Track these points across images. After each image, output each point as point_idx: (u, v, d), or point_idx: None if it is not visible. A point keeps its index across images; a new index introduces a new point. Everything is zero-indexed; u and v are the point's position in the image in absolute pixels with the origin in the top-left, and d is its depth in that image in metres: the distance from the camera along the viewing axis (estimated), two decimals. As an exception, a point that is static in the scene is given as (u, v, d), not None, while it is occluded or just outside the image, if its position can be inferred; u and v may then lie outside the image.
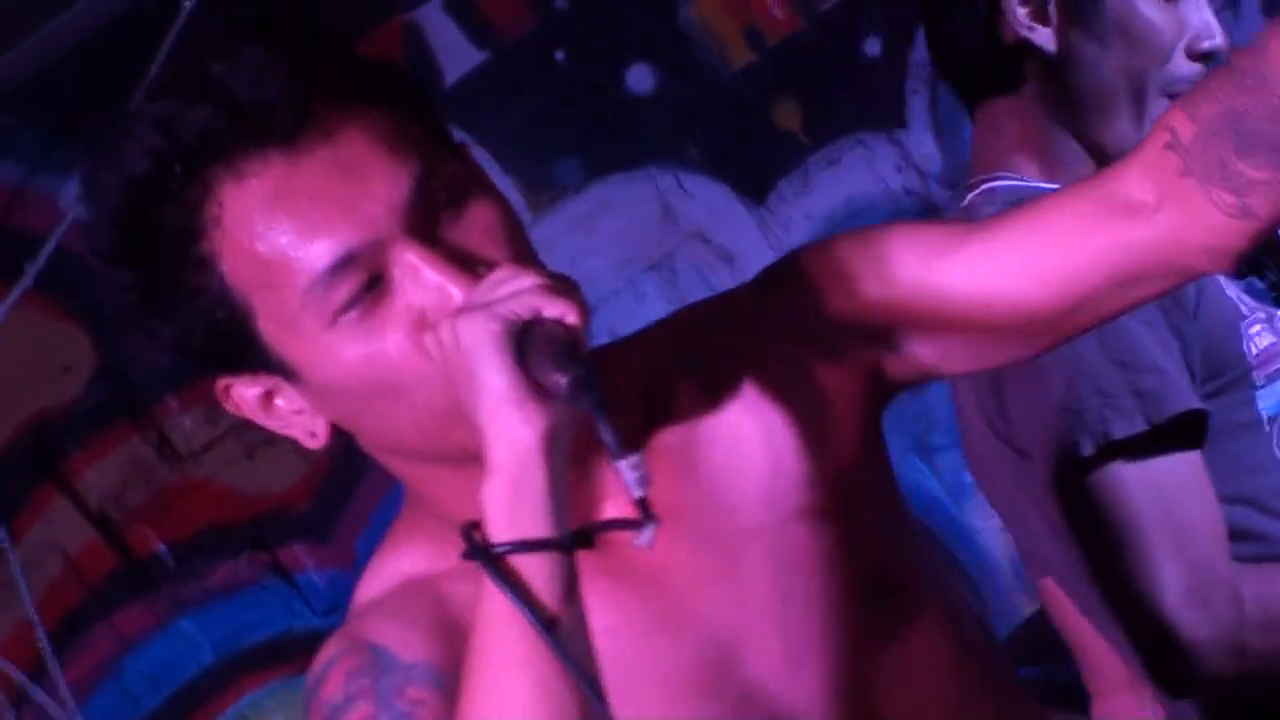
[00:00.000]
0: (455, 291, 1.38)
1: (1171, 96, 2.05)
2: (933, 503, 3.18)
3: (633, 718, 1.47)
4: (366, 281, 1.39)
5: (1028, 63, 2.09)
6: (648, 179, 3.33)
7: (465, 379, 1.37)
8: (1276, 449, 2.03)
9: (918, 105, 3.34)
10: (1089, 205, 1.47)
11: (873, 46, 3.31)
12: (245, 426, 3.01)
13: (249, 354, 1.44)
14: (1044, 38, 2.07)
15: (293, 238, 1.39)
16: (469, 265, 1.39)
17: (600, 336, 1.49)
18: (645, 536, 1.39)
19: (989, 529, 3.19)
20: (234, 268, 1.41)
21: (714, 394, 1.49)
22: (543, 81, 3.33)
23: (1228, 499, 1.97)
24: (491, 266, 1.39)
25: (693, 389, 1.49)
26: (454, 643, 1.46)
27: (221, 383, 1.47)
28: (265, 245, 1.40)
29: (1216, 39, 2.10)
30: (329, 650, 1.52)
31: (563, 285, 1.37)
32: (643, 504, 1.36)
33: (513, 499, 1.36)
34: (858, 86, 3.33)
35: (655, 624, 1.53)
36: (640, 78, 3.34)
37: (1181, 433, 1.92)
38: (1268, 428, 2.02)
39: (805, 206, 3.19)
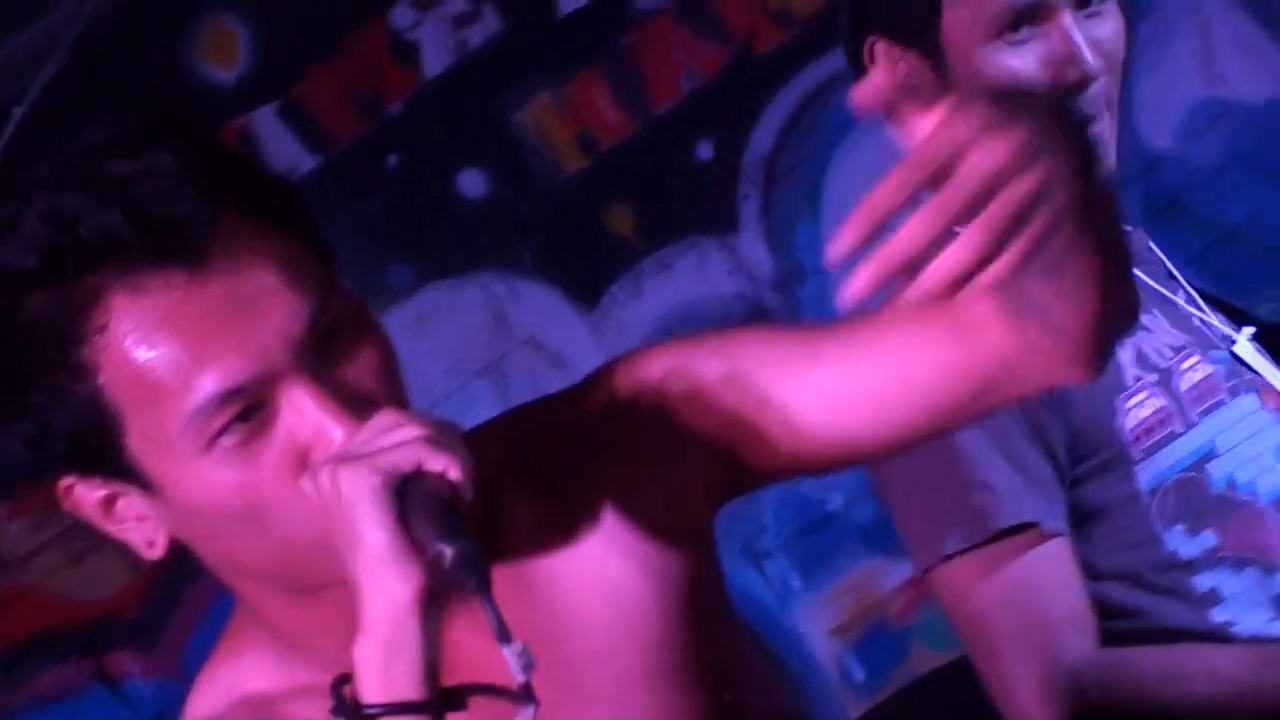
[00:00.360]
0: (339, 431, 1.35)
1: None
2: (761, 607, 3.17)
3: None
4: (248, 409, 1.35)
5: None
6: (480, 284, 3.31)
7: (342, 529, 1.34)
8: (1155, 523, 2.04)
9: (749, 209, 3.35)
10: (935, 326, 1.46)
11: (705, 150, 3.31)
12: (72, 533, 2.98)
13: (107, 462, 1.39)
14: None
15: (183, 362, 1.35)
16: (355, 405, 1.36)
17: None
18: (524, 716, 1.36)
19: (815, 634, 3.20)
20: (112, 379, 1.36)
21: (554, 509, 1.46)
22: (375, 186, 3.31)
23: (1107, 575, 1.98)
24: (376, 407, 1.36)
25: (530, 503, 1.47)
26: None
27: (64, 483, 1.41)
28: (152, 365, 1.36)
29: (1084, 65, 2.05)
30: None
31: (446, 436, 1.34)
32: (526, 689, 1.34)
33: (385, 659, 1.34)
34: (690, 191, 3.32)
35: None
36: (473, 183, 3.31)
37: (1023, 536, 1.93)
38: (1146, 500, 2.03)
39: (638, 311, 3.19)
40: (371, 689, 1.33)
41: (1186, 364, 2.07)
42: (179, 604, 3.17)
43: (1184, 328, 2.10)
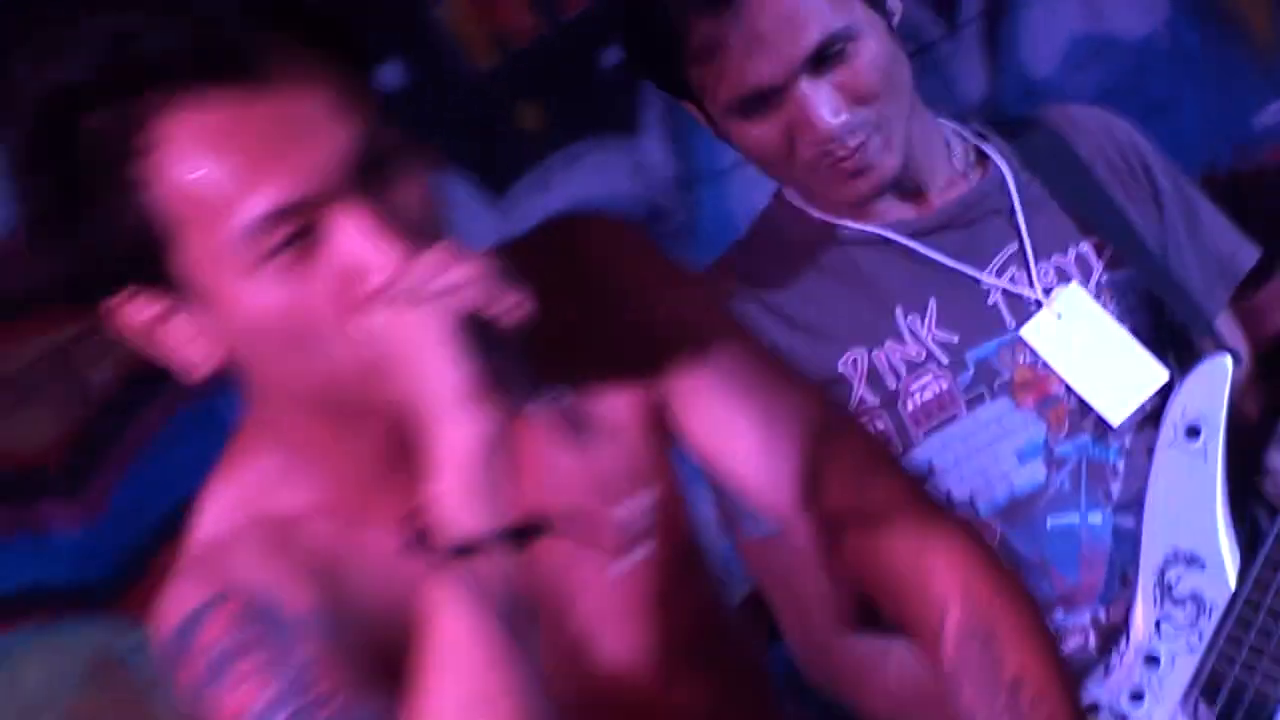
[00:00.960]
0: (390, 256, 1.32)
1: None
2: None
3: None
4: (299, 231, 1.33)
5: None
6: None
7: (410, 368, 1.32)
8: None
9: (651, 115, 3.34)
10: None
11: (612, 56, 3.29)
12: (4, 385, 2.96)
13: (159, 275, 1.36)
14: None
15: (236, 179, 1.32)
16: (405, 231, 1.33)
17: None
18: (637, 553, 1.45)
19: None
20: (165, 195, 1.33)
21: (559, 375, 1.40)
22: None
23: None
24: (424, 238, 1.34)
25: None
26: (326, 588, 1.43)
27: (114, 300, 1.39)
28: (207, 180, 1.32)
29: (823, 127, 2.00)
30: (187, 593, 1.44)
31: (504, 275, 1.33)
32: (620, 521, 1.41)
33: (469, 495, 1.32)
34: (595, 94, 3.31)
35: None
36: (393, 74, 3.21)
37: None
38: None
39: (545, 202, 3.20)
40: (456, 524, 1.31)
41: (917, 384, 2.08)
42: (104, 457, 3.08)
43: (959, 317, 2.08)
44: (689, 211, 3.38)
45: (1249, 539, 2.13)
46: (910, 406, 2.08)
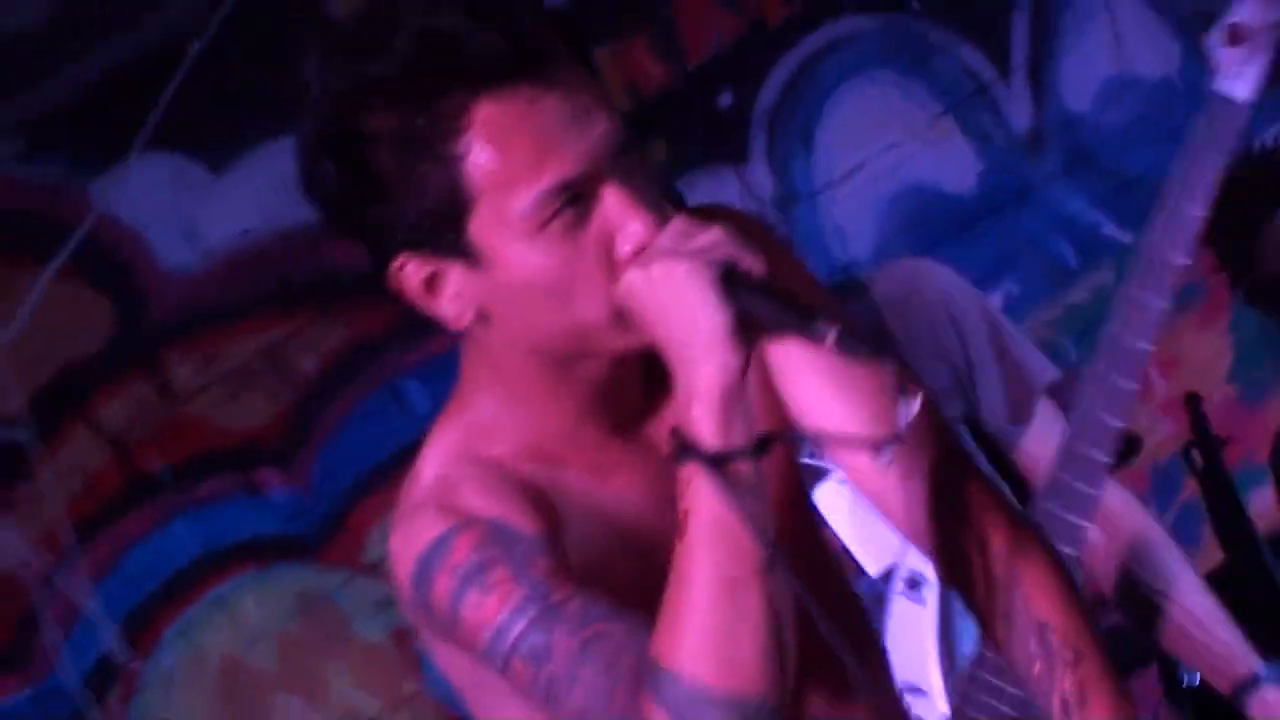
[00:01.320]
0: (643, 224, 1.43)
1: None
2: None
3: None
4: (572, 202, 1.44)
5: None
6: None
7: (675, 312, 1.40)
8: None
9: (758, 146, 3.58)
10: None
11: (726, 99, 3.53)
12: (230, 375, 3.38)
13: (445, 240, 1.46)
14: None
15: (531, 156, 1.43)
16: (650, 205, 1.45)
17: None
18: (886, 456, 1.49)
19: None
20: (473, 168, 1.43)
21: None
22: None
23: None
24: (658, 210, 1.44)
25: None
26: (546, 515, 1.49)
27: (399, 261, 1.48)
28: (508, 157, 1.43)
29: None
30: (428, 526, 1.49)
31: (742, 238, 1.41)
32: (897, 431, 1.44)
33: (725, 413, 1.41)
34: (712, 130, 3.54)
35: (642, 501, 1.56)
36: None
37: None
38: None
39: None
40: (714, 438, 1.40)
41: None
42: (310, 435, 3.40)
43: None
44: (789, 225, 3.61)
45: None
46: None
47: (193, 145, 3.24)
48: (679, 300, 1.39)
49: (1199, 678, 2.49)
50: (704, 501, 1.40)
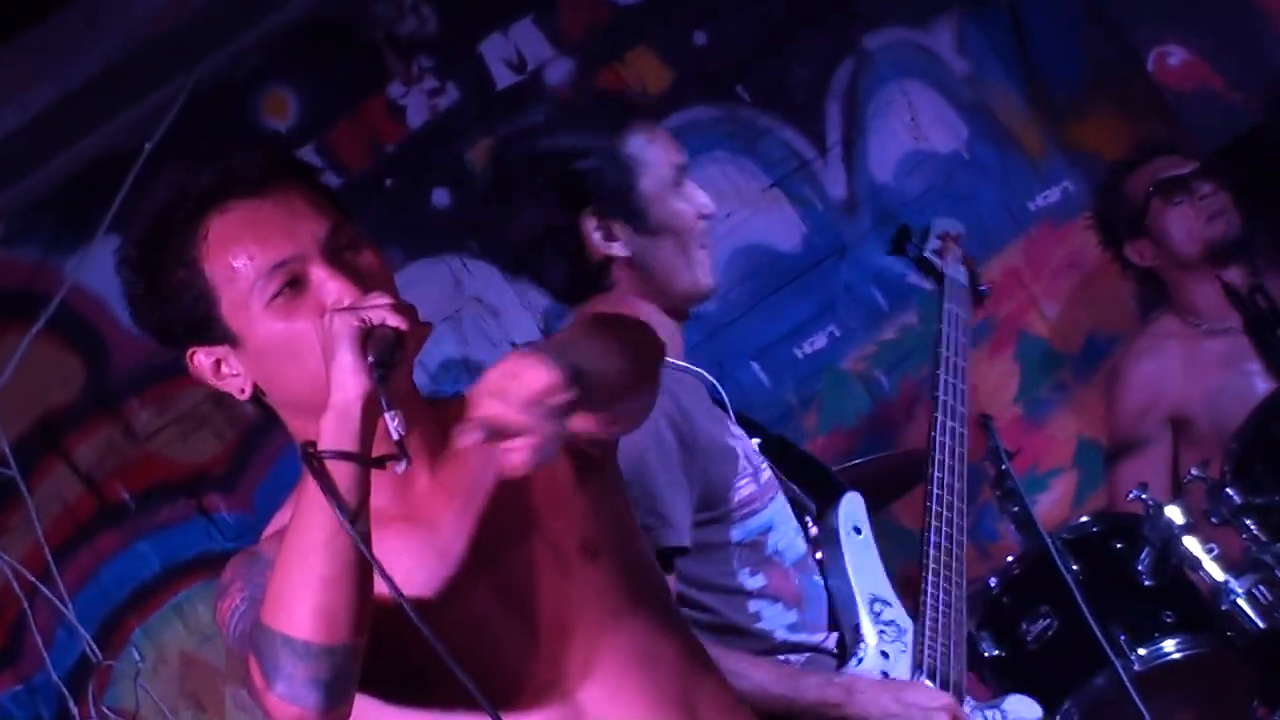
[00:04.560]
0: (343, 293, 1.62)
1: (702, 246, 2.38)
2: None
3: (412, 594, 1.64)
4: (292, 280, 1.63)
5: (613, 268, 2.37)
6: (445, 262, 3.79)
7: (328, 351, 1.59)
8: (735, 562, 2.38)
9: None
10: None
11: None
12: (183, 418, 3.57)
13: (211, 329, 1.66)
14: (619, 248, 2.36)
15: (252, 248, 1.64)
16: (358, 280, 1.64)
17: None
18: (400, 466, 1.59)
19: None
20: (212, 268, 1.65)
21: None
22: (376, 199, 3.77)
23: (705, 586, 2.34)
24: (371, 289, 1.63)
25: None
26: None
27: (190, 351, 1.69)
28: (234, 253, 1.65)
29: (711, 207, 2.40)
30: (234, 558, 1.75)
31: (405, 307, 1.61)
32: (400, 444, 1.57)
33: (337, 425, 1.57)
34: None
35: (426, 546, 1.72)
36: (441, 197, 3.82)
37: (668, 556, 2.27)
38: (734, 548, 2.38)
39: None
40: (327, 440, 1.58)
41: (763, 464, 2.42)
42: (252, 467, 3.64)
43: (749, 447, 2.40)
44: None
45: None
46: (764, 479, 2.41)
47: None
48: (329, 341, 1.59)
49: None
50: (306, 503, 1.57)
